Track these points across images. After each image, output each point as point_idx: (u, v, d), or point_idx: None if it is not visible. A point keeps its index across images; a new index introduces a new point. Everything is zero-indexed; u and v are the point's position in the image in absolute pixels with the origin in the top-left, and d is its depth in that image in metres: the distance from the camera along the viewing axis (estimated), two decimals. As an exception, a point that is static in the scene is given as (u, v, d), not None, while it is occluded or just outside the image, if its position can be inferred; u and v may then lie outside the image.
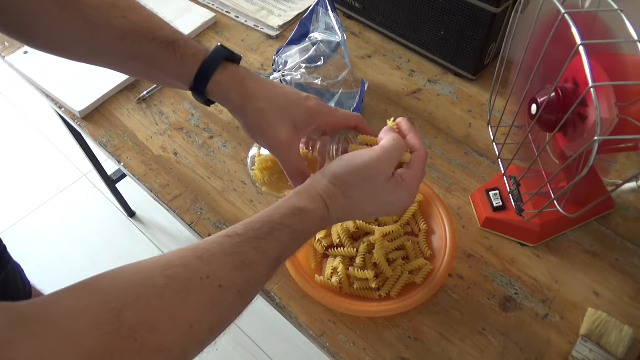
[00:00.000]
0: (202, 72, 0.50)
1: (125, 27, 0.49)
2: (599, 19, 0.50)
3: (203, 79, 0.50)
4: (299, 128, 0.51)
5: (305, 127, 0.51)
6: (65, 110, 0.83)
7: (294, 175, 0.52)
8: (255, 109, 0.50)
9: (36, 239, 1.66)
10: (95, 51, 0.52)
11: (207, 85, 0.51)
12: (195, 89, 0.51)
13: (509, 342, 0.58)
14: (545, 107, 0.53)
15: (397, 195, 0.47)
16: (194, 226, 0.69)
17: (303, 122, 0.51)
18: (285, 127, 0.50)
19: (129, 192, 1.63)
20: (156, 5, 0.97)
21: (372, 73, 0.87)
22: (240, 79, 0.51)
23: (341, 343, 0.58)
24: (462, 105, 0.82)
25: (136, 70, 0.55)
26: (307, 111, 0.51)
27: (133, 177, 0.75)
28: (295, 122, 0.50)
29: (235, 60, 0.52)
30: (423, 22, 0.83)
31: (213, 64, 0.50)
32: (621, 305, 0.60)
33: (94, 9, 0.49)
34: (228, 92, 0.51)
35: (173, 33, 0.51)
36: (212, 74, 0.50)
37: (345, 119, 0.53)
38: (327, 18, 0.81)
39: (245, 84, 0.51)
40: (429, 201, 0.65)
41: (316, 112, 0.51)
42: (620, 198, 0.69)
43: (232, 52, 0.52)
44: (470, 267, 0.64)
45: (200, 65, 0.50)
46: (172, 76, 0.52)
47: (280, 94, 0.51)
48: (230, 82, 0.51)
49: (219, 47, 0.51)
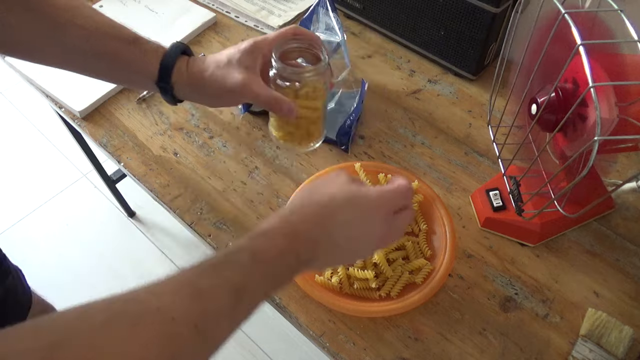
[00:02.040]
0: (165, 63, 0.55)
1: (89, 26, 0.53)
2: (599, 19, 0.50)
3: (166, 69, 0.55)
4: (249, 67, 0.55)
5: (252, 63, 0.55)
6: (65, 110, 0.83)
7: (270, 103, 0.55)
8: (209, 76, 0.55)
9: (36, 239, 1.66)
10: (60, 51, 0.54)
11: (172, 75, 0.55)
12: (160, 80, 0.55)
13: (509, 342, 0.58)
14: (545, 107, 0.53)
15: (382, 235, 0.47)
16: (194, 226, 0.69)
17: (248, 60, 0.55)
18: (236, 72, 0.55)
19: (129, 192, 1.63)
20: (156, 5, 0.97)
21: (372, 73, 0.87)
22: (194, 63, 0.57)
23: (341, 343, 0.58)
24: (462, 105, 0.82)
25: (101, 69, 0.58)
26: (245, 52, 0.55)
27: (133, 177, 0.75)
28: (242, 65, 0.55)
29: (189, 53, 0.58)
30: (423, 22, 0.83)
31: (173, 55, 0.55)
32: (621, 305, 0.60)
33: (60, 9, 0.52)
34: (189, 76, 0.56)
35: (134, 32, 0.56)
36: (173, 63, 0.55)
37: (280, 35, 0.57)
38: (327, 18, 0.81)
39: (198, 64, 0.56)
40: (429, 201, 0.65)
41: (252, 47, 0.56)
42: (620, 198, 0.69)
43: (187, 47, 0.58)
44: (470, 267, 0.64)
45: (162, 57, 0.55)
46: (136, 71, 0.56)
47: (221, 55, 0.57)
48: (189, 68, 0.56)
49: (175, 43, 0.57)
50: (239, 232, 0.68)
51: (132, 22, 0.94)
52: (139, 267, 1.61)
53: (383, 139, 0.77)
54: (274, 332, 1.39)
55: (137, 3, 0.98)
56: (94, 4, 0.97)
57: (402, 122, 0.79)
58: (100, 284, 1.56)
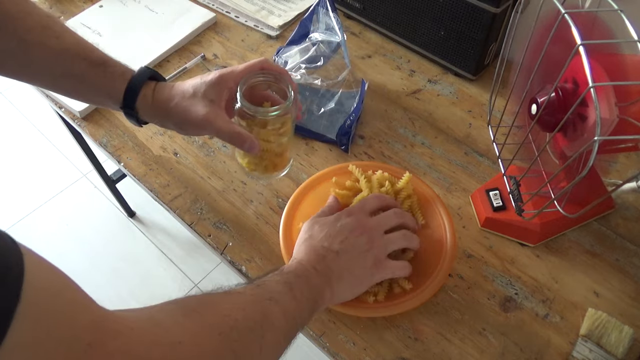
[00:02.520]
0: (130, 88, 0.55)
1: (58, 47, 0.53)
2: (599, 19, 0.50)
3: (131, 96, 0.56)
4: (214, 100, 0.56)
5: (218, 97, 0.56)
6: (65, 110, 0.83)
7: (233, 138, 0.56)
8: (174, 106, 0.56)
9: (36, 239, 1.66)
10: (28, 69, 0.55)
11: (136, 101, 0.56)
12: (125, 105, 0.56)
13: (509, 342, 0.58)
14: (545, 107, 0.53)
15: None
16: (194, 226, 0.69)
17: (213, 93, 0.56)
18: (201, 105, 0.55)
19: (129, 192, 1.63)
20: (156, 5, 0.97)
21: (372, 73, 0.87)
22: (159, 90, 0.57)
23: (341, 343, 0.58)
24: (462, 105, 0.82)
25: (68, 88, 0.58)
26: (211, 84, 0.56)
27: (133, 177, 0.75)
28: (208, 98, 0.56)
29: (158, 79, 0.58)
30: (423, 22, 0.83)
31: (139, 81, 0.56)
32: (621, 305, 0.60)
33: (29, 29, 0.52)
34: (153, 104, 0.57)
35: (103, 55, 0.56)
36: (139, 89, 0.56)
37: (248, 68, 0.58)
38: (327, 18, 0.81)
39: (164, 92, 0.57)
40: (429, 201, 0.65)
41: (219, 80, 0.56)
42: (620, 198, 0.69)
43: (156, 72, 0.58)
44: (470, 267, 0.64)
45: (127, 82, 0.55)
46: (102, 94, 0.57)
47: (187, 86, 0.57)
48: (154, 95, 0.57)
49: (143, 68, 0.58)
50: (239, 232, 0.68)
51: (132, 22, 0.94)
52: (139, 267, 1.61)
53: (383, 139, 0.77)
54: (274, 332, 1.39)
55: (137, 3, 0.98)
56: (94, 4, 0.97)
57: (402, 122, 0.79)
58: (100, 283, 1.56)
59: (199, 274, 1.59)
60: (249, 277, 0.64)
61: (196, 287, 1.57)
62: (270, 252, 0.66)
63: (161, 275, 1.59)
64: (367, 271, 0.54)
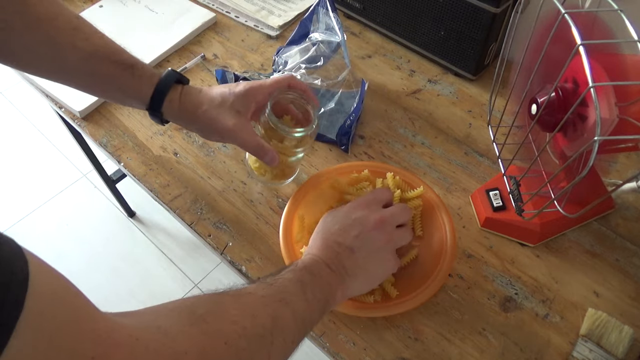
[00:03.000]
0: (157, 93, 0.57)
1: (88, 49, 0.54)
2: (599, 19, 0.50)
3: (158, 99, 0.57)
4: (241, 112, 0.58)
5: (245, 109, 0.58)
6: (65, 110, 0.83)
7: (256, 151, 0.58)
8: (202, 113, 0.58)
9: (36, 239, 1.66)
10: (59, 70, 0.56)
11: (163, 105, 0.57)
12: (151, 108, 0.58)
13: (509, 342, 0.58)
14: (545, 107, 0.53)
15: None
16: (194, 226, 0.69)
17: (241, 105, 0.58)
18: (229, 116, 0.57)
19: (129, 192, 1.63)
20: (156, 5, 0.97)
21: (372, 73, 0.87)
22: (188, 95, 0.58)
23: (341, 343, 0.58)
24: (462, 105, 0.82)
25: (96, 90, 0.60)
26: (239, 96, 0.58)
27: (133, 177, 0.75)
28: (235, 109, 0.57)
29: (183, 82, 0.60)
30: (423, 22, 0.83)
31: (166, 84, 0.57)
32: (621, 305, 0.60)
33: (60, 30, 0.53)
34: (180, 108, 0.58)
35: (131, 57, 0.57)
36: (166, 93, 0.57)
37: (276, 84, 0.60)
38: (328, 18, 0.81)
39: (191, 98, 0.58)
40: (429, 201, 0.65)
41: (247, 92, 0.58)
42: (620, 198, 0.69)
43: (182, 75, 0.59)
44: (470, 267, 0.64)
45: (155, 86, 0.57)
46: (129, 96, 0.58)
47: (215, 94, 0.59)
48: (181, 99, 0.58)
49: (169, 71, 0.58)
50: (239, 232, 0.68)
51: (132, 22, 0.94)
52: (139, 267, 1.61)
53: (383, 139, 0.77)
54: (274, 332, 1.39)
55: (137, 3, 0.98)
56: (94, 4, 0.97)
57: (402, 122, 0.79)
58: (100, 283, 1.56)
59: (199, 274, 1.59)
60: (249, 277, 0.64)
61: (196, 287, 1.57)
62: (270, 252, 0.66)
63: (161, 275, 1.59)
64: (380, 268, 0.54)
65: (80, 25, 0.54)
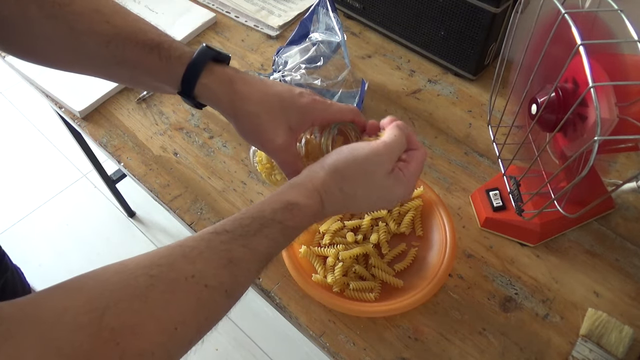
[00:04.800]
0: (188, 75, 0.48)
1: (108, 32, 0.48)
2: (599, 19, 0.50)
3: (189, 83, 0.48)
4: (294, 129, 0.49)
5: (299, 127, 0.50)
6: (65, 110, 0.83)
7: (290, 174, 0.51)
8: (247, 113, 0.48)
9: (36, 239, 1.66)
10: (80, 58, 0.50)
11: (194, 89, 0.49)
12: (183, 92, 0.50)
13: (509, 342, 0.58)
14: (545, 107, 0.53)
15: (394, 190, 0.46)
16: (194, 226, 0.69)
17: (297, 122, 0.49)
18: (280, 131, 0.48)
19: (129, 192, 1.63)
20: (156, 5, 0.97)
21: (372, 73, 0.87)
22: (228, 82, 0.49)
23: (341, 343, 0.58)
24: (462, 105, 0.82)
25: (122, 77, 0.53)
26: (300, 110, 0.49)
27: (133, 177, 0.75)
28: (289, 124, 0.49)
29: (222, 60, 0.50)
30: (423, 22, 0.83)
31: (198, 66, 0.48)
32: (621, 305, 0.60)
33: (78, 15, 0.47)
34: (217, 95, 0.49)
35: (157, 36, 0.49)
36: (197, 76, 0.48)
37: (340, 113, 0.51)
38: (327, 18, 0.81)
39: (234, 87, 0.48)
40: (429, 201, 0.65)
41: (310, 109, 0.49)
42: (620, 198, 0.69)
43: (219, 52, 0.50)
44: (470, 267, 0.64)
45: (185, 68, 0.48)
46: (159, 80, 0.50)
47: (272, 95, 0.49)
48: (218, 86, 0.49)
49: (203, 48, 0.49)
50: (239, 232, 0.68)
51: (132, 22, 0.94)
52: (139, 267, 1.60)
53: (383, 139, 0.77)
54: (274, 332, 1.39)
55: (137, 3, 0.98)
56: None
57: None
58: (100, 284, 1.56)
59: (199, 274, 1.59)
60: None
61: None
62: (270, 252, 0.66)
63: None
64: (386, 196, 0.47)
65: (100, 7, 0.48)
